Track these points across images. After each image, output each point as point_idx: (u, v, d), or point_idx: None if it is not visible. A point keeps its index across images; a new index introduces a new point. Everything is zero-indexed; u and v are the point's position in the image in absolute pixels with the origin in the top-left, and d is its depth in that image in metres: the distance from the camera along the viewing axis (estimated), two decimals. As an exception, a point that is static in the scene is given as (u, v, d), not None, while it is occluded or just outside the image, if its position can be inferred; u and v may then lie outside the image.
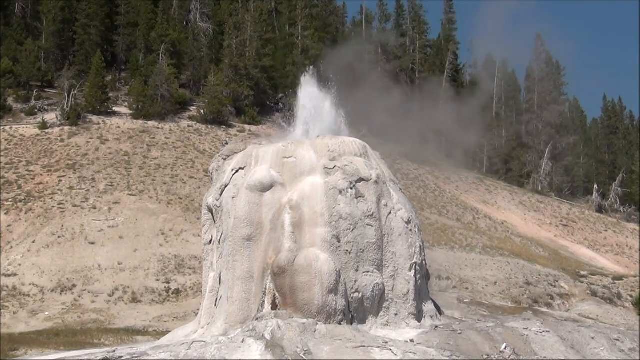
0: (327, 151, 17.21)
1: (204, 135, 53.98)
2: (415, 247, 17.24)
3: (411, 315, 16.79)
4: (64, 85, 53.10)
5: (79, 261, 35.20)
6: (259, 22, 61.49)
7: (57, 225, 38.38)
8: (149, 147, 49.66)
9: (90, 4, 60.21)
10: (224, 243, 16.87)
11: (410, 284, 16.87)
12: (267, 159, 17.26)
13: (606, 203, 68.78)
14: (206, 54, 61.74)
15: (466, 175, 63.59)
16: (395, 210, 17.16)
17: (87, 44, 59.51)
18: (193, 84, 61.77)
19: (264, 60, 60.01)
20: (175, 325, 24.59)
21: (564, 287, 38.94)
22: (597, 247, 55.35)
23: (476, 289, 36.14)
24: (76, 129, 50.83)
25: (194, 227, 37.81)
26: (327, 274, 15.75)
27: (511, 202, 60.62)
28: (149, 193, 42.93)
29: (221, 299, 16.80)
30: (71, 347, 21.14)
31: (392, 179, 18.18)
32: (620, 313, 35.80)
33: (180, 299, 32.79)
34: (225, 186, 17.34)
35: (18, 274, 33.99)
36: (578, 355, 15.80)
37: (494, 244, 45.16)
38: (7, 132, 49.46)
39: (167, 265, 35.37)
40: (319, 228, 16.24)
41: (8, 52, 55.88)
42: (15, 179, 43.55)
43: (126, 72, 62.01)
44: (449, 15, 78.94)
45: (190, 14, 65.55)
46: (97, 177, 44.20)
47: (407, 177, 54.79)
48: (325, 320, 15.55)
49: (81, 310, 30.99)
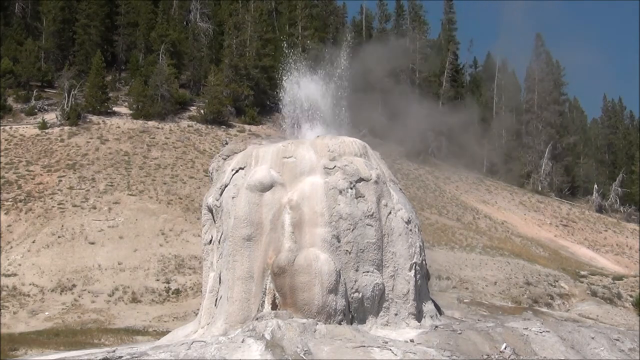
0: (327, 151, 17.21)
1: (204, 135, 54.00)
2: (415, 247, 17.24)
3: (411, 315, 16.79)
4: (64, 85, 53.13)
5: (79, 261, 35.21)
6: (259, 22, 61.53)
7: (57, 225, 38.39)
8: (149, 147, 49.68)
9: (90, 4, 60.25)
10: (224, 243, 16.87)
11: (410, 284, 16.87)
12: (267, 159, 17.26)
13: (606, 203, 68.80)
14: (206, 54, 61.77)
15: (466, 175, 63.63)
16: (395, 210, 17.16)
17: (87, 44, 59.55)
18: (193, 84, 61.79)
19: (264, 60, 60.02)
20: (175, 325, 24.59)
21: (564, 287, 38.94)
22: (597, 247, 55.36)
23: (476, 289, 36.14)
24: (76, 129, 50.86)
25: (194, 227, 37.82)
26: (327, 274, 15.75)
27: (511, 202, 60.63)
28: (149, 193, 42.94)
29: (221, 299, 16.80)
30: (71, 347, 21.14)
31: (392, 179, 18.17)
32: (620, 313, 35.80)
33: (180, 299, 32.79)
34: (225, 186, 17.34)
35: (18, 274, 34.00)
36: (578, 355, 15.79)
37: (494, 244, 45.17)
38: (7, 132, 49.49)
39: (167, 265, 35.37)
40: (319, 228, 16.24)
41: (8, 52, 55.91)
42: (15, 179, 43.57)
43: (126, 72, 62.04)
44: (449, 15, 79.03)
45: (190, 14, 65.60)
46: (97, 177, 44.22)
47: (407, 177, 54.81)
48: (325, 320, 15.55)
49: (81, 310, 30.99)
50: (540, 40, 77.74)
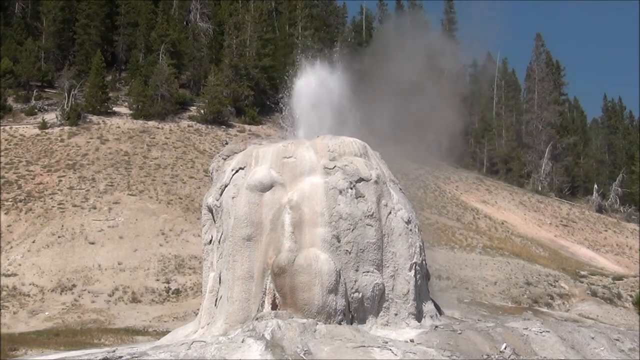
0: (327, 151, 17.21)
1: (204, 135, 54.01)
2: (415, 247, 17.23)
3: (411, 315, 16.79)
4: (64, 85, 53.14)
5: (79, 261, 35.22)
6: (259, 22, 61.53)
7: (57, 225, 38.40)
8: (149, 147, 49.69)
9: (90, 4, 60.25)
10: (224, 243, 16.87)
11: (410, 284, 16.87)
12: (267, 159, 17.25)
13: (606, 203, 68.80)
14: (206, 54, 61.76)
15: (466, 175, 63.64)
16: (395, 210, 17.16)
17: (87, 44, 59.55)
18: (193, 84, 61.79)
19: (264, 60, 60.02)
20: (175, 325, 24.58)
21: (564, 287, 38.95)
22: (597, 247, 55.37)
23: (476, 289, 36.14)
24: (76, 129, 50.86)
25: (194, 227, 37.82)
26: (327, 274, 15.75)
27: (511, 202, 60.63)
28: (149, 193, 42.95)
29: (221, 299, 16.80)
30: (71, 347, 21.13)
31: (392, 179, 18.17)
32: (620, 313, 35.80)
33: (180, 299, 32.80)
34: (225, 186, 17.34)
35: (18, 274, 34.01)
36: (578, 355, 15.79)
37: (494, 244, 45.18)
38: (7, 132, 49.49)
39: (167, 265, 35.38)
40: (319, 228, 16.24)
41: (8, 52, 55.91)
42: (15, 179, 43.57)
43: (126, 72, 62.02)
44: (449, 15, 79.03)
45: (190, 14, 65.59)
46: (97, 177, 44.22)
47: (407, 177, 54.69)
48: (325, 320, 15.55)
49: (81, 310, 31.00)
50: (540, 40, 77.81)
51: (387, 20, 74.02)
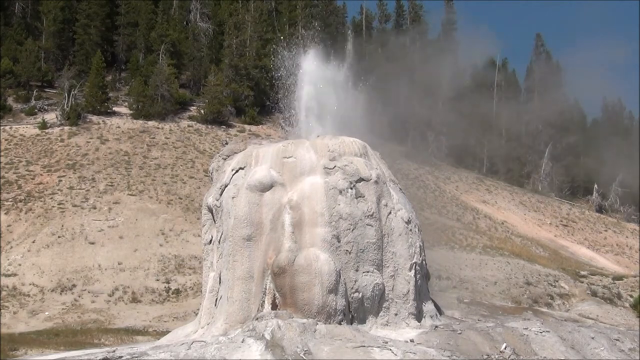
0: (327, 151, 17.21)
1: (204, 135, 53.99)
2: (415, 247, 17.24)
3: (411, 315, 16.79)
4: (64, 85, 53.13)
5: (79, 261, 35.22)
6: (259, 22, 61.51)
7: (57, 225, 38.39)
8: (149, 147, 49.67)
9: (90, 4, 60.25)
10: (224, 243, 16.87)
11: (410, 284, 16.87)
12: (267, 159, 17.26)
13: (606, 203, 68.77)
14: (206, 54, 61.74)
15: (466, 175, 63.63)
16: (395, 210, 17.16)
17: (87, 44, 59.54)
18: (193, 84, 61.77)
19: (264, 60, 59.95)
20: (175, 325, 24.58)
21: (564, 287, 38.92)
22: (597, 247, 55.36)
23: (476, 289, 36.11)
24: (76, 129, 50.84)
25: (194, 227, 37.82)
26: (327, 274, 15.76)
27: (511, 202, 60.60)
28: (149, 193, 42.94)
29: (221, 299, 16.80)
30: (71, 347, 21.14)
31: (392, 179, 18.17)
32: (620, 313, 35.78)
33: (180, 299, 32.79)
34: (225, 186, 17.34)
35: (18, 274, 34.00)
36: (578, 355, 15.80)
37: (494, 244, 45.16)
38: (7, 132, 49.49)
39: (167, 265, 35.38)
40: (319, 228, 16.24)
41: (8, 52, 55.92)
42: (15, 179, 43.56)
43: (126, 72, 62.01)
44: (449, 15, 79.00)
45: (190, 14, 65.56)
46: (97, 177, 44.21)
47: (407, 177, 54.75)
48: (325, 320, 15.55)
49: (81, 310, 30.99)
50: (540, 40, 77.85)
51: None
